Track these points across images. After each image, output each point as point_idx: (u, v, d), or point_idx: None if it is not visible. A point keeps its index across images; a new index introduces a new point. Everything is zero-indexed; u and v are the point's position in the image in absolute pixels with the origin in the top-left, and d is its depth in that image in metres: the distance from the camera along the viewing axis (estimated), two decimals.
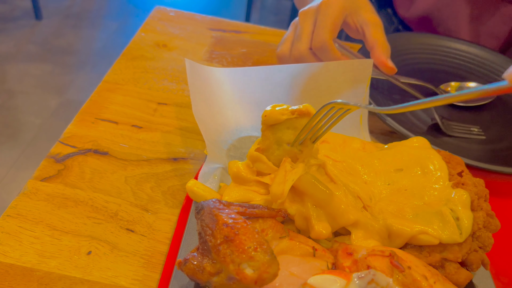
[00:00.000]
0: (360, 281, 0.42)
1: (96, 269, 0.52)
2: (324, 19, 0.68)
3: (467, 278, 0.49)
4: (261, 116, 0.53)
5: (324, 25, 0.67)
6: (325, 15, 0.68)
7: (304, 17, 0.70)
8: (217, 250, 0.41)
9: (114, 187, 0.62)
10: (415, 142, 0.63)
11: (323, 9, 0.69)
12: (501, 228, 0.56)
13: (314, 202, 0.50)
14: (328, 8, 0.68)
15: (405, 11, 1.12)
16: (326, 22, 0.67)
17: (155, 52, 0.88)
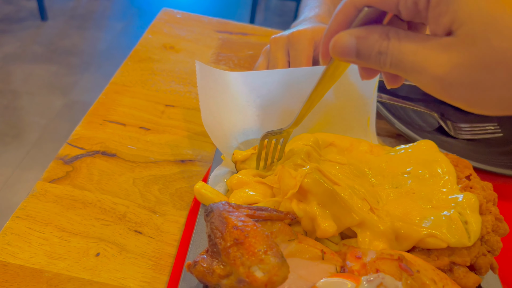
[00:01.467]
0: (369, 284, 0.42)
1: (104, 271, 0.53)
2: (297, 54, 0.70)
3: (476, 282, 0.49)
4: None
5: (299, 62, 0.70)
6: (297, 50, 0.70)
7: (276, 47, 0.72)
8: (227, 252, 0.41)
9: (122, 189, 0.62)
10: (423, 145, 0.63)
11: (294, 42, 0.71)
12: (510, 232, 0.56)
13: (319, 201, 0.50)
14: (299, 42, 0.70)
15: None
16: (300, 58, 0.70)
17: (162, 54, 0.88)
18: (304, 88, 0.68)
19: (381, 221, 0.51)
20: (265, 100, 0.68)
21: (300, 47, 0.70)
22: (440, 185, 0.56)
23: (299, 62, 0.70)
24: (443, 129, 0.79)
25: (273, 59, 0.72)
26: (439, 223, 0.52)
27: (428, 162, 0.59)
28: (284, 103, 0.68)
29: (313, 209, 0.51)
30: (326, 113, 0.69)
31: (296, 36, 0.71)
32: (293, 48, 0.70)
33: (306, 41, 0.70)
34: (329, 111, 0.69)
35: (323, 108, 0.69)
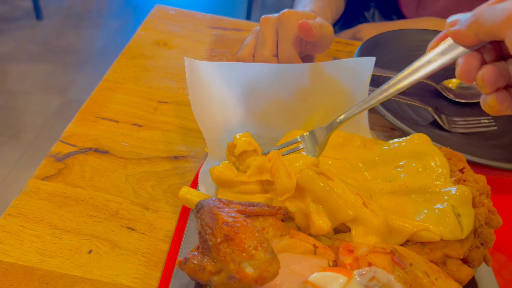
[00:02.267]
0: (361, 278, 0.42)
1: (97, 268, 0.52)
2: (286, 33, 0.70)
3: (469, 274, 0.49)
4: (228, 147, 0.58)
5: (288, 40, 0.70)
6: (287, 29, 0.70)
7: (265, 25, 0.73)
8: (217, 249, 0.41)
9: (114, 186, 0.62)
10: (416, 139, 0.62)
11: (283, 21, 0.71)
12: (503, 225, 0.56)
13: (313, 197, 0.50)
14: (288, 22, 0.71)
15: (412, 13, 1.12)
16: (289, 37, 0.70)
17: (155, 50, 0.87)
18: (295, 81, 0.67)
19: (374, 215, 0.51)
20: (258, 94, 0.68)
21: (289, 26, 0.70)
22: (433, 178, 0.56)
23: (287, 41, 0.70)
24: (438, 123, 0.79)
25: (262, 37, 0.72)
26: (432, 216, 0.51)
27: (421, 156, 0.59)
28: (275, 96, 0.67)
29: (307, 205, 0.50)
30: (319, 109, 0.69)
31: (286, 15, 0.71)
32: (283, 27, 0.71)
33: (296, 21, 0.70)
34: (322, 106, 0.68)
35: (316, 104, 0.69)
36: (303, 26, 0.66)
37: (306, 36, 0.67)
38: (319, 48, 0.75)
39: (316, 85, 0.67)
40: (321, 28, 0.68)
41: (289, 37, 0.70)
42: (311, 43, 0.73)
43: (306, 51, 0.76)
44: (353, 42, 1.00)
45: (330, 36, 0.73)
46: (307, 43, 0.73)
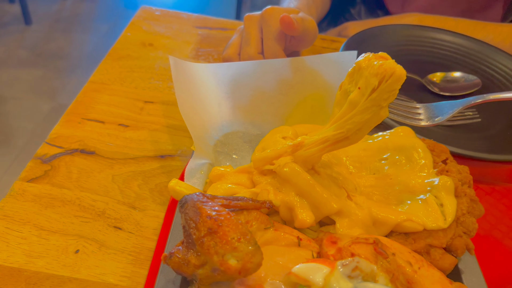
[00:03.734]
0: (344, 268, 0.43)
1: (84, 267, 0.52)
2: (270, 30, 0.71)
3: (452, 263, 0.50)
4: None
5: (272, 37, 0.71)
6: (270, 26, 0.71)
7: (249, 23, 0.73)
8: (201, 242, 0.41)
9: (101, 186, 0.62)
10: (400, 131, 0.63)
11: (266, 19, 0.72)
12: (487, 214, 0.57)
13: (297, 191, 0.50)
14: (271, 18, 0.71)
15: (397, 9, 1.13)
16: (273, 34, 0.71)
17: (141, 51, 0.88)
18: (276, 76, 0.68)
19: (359, 207, 0.52)
20: (242, 92, 0.68)
21: (272, 23, 0.71)
22: (416, 170, 0.57)
23: (271, 37, 0.71)
24: None
25: (246, 35, 0.72)
26: (415, 207, 0.52)
27: (405, 148, 0.59)
28: (259, 92, 0.68)
29: (291, 199, 0.51)
30: (304, 105, 0.69)
31: (269, 12, 0.72)
32: (266, 24, 0.71)
33: (278, 17, 0.71)
34: (306, 102, 0.69)
35: (301, 100, 0.69)
36: (284, 20, 0.66)
37: (288, 30, 0.67)
38: (304, 43, 0.76)
39: (297, 79, 0.68)
40: (303, 22, 0.69)
41: (273, 34, 0.71)
42: (296, 38, 0.74)
43: (291, 47, 0.77)
44: (339, 39, 1.01)
45: (313, 30, 0.73)
46: (292, 38, 0.74)
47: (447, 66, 0.93)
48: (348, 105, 0.48)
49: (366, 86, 0.46)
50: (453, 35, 0.97)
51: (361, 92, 0.46)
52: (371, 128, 0.49)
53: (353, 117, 0.47)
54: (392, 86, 0.44)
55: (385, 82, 0.44)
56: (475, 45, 0.95)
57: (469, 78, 0.88)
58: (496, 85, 0.89)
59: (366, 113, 0.46)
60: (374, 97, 0.45)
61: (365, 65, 0.46)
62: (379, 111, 0.46)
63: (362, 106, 0.46)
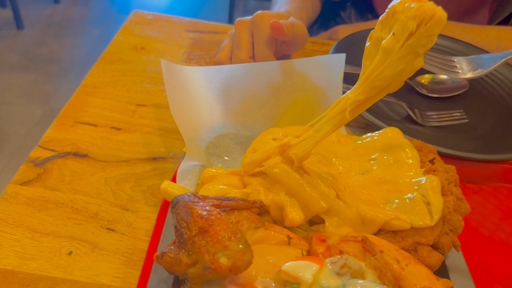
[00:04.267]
0: (333, 265, 0.44)
1: (77, 269, 0.53)
2: (260, 34, 0.72)
3: (439, 260, 0.51)
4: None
5: (263, 41, 0.72)
6: (261, 31, 0.72)
7: (240, 28, 0.74)
8: (192, 241, 0.42)
9: (94, 188, 0.62)
10: (389, 132, 0.64)
11: (257, 23, 0.73)
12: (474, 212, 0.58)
13: (287, 191, 0.51)
14: (262, 23, 0.72)
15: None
16: (263, 38, 0.72)
17: (133, 55, 0.88)
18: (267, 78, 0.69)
19: (347, 206, 0.53)
20: (233, 94, 0.69)
21: (263, 27, 0.72)
22: (404, 170, 0.58)
23: (262, 42, 0.72)
24: (411, 118, 0.81)
25: (237, 39, 0.73)
26: (403, 205, 0.53)
27: (393, 148, 0.60)
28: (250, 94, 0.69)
29: (281, 198, 0.52)
30: (294, 106, 0.70)
31: (260, 17, 0.73)
32: (257, 28, 0.72)
33: (269, 22, 0.72)
34: (297, 104, 0.70)
35: (291, 102, 0.70)
36: (274, 26, 0.67)
37: (278, 35, 0.68)
38: (294, 47, 0.77)
39: (287, 82, 0.69)
40: (293, 27, 0.70)
41: (263, 38, 0.72)
42: (286, 43, 0.75)
43: (282, 50, 0.78)
44: (329, 42, 1.02)
45: (303, 34, 0.74)
46: (282, 42, 0.75)
47: None
48: (382, 53, 0.44)
49: (402, 31, 0.42)
50: (440, 37, 0.98)
51: (396, 38, 0.42)
52: (401, 82, 0.45)
53: (384, 70, 0.44)
54: (431, 30, 0.41)
55: (424, 25, 0.40)
56: (462, 47, 0.97)
57: (457, 79, 0.90)
58: (483, 86, 0.91)
59: (400, 63, 0.43)
60: (411, 42, 0.42)
61: (401, 9, 0.42)
62: (414, 60, 0.43)
63: (396, 54, 0.43)
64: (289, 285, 0.44)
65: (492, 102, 0.87)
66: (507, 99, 0.87)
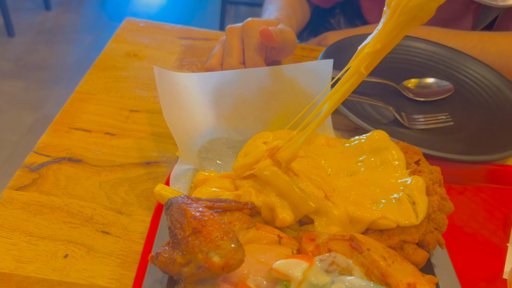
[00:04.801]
0: (322, 263, 0.45)
1: (73, 271, 0.54)
2: (250, 41, 0.74)
3: (424, 257, 0.53)
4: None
5: (253, 47, 0.74)
6: (251, 37, 0.74)
7: (231, 34, 0.76)
8: (186, 241, 0.43)
9: (88, 193, 0.64)
10: (376, 135, 0.66)
11: (247, 30, 0.74)
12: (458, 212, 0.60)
13: (277, 192, 0.53)
14: (252, 30, 0.74)
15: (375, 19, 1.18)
16: (253, 45, 0.74)
17: (126, 62, 0.90)
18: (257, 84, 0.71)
19: (336, 207, 0.55)
20: (225, 99, 0.71)
21: (253, 34, 0.73)
22: (390, 171, 0.60)
23: (252, 48, 0.73)
24: (398, 121, 0.83)
25: (228, 46, 0.75)
26: (389, 205, 0.55)
27: (380, 150, 0.63)
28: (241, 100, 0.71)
29: (271, 199, 0.54)
30: (284, 111, 0.72)
31: (250, 24, 0.74)
32: (247, 35, 0.74)
33: (259, 29, 0.73)
34: (285, 108, 0.72)
35: (281, 107, 0.72)
36: (263, 32, 0.69)
37: (268, 42, 0.70)
38: (284, 53, 0.79)
39: (277, 87, 0.71)
40: (282, 33, 0.72)
41: (253, 45, 0.74)
42: (275, 49, 0.77)
43: (272, 56, 0.80)
44: (318, 48, 1.04)
45: (292, 41, 0.77)
46: (272, 49, 0.77)
47: (421, 72, 0.97)
48: None
49: None
50: (426, 43, 1.01)
51: None
52: (432, 11, 0.42)
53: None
54: None
55: None
56: (447, 52, 1.00)
57: (442, 83, 0.92)
58: (468, 90, 0.93)
59: None
60: None
61: None
62: None
63: None
64: (280, 283, 0.45)
65: (476, 106, 0.90)
66: (491, 102, 0.90)
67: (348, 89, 0.51)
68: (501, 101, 0.89)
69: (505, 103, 0.89)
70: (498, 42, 0.99)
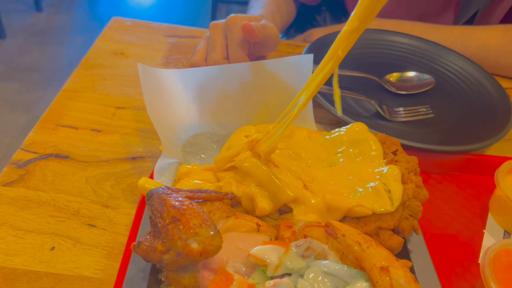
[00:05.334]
0: (298, 249, 0.47)
1: (59, 263, 0.56)
2: (233, 36, 0.75)
3: (399, 242, 0.54)
4: None
5: (236, 43, 0.75)
6: (234, 33, 0.75)
7: (214, 30, 0.78)
8: (166, 229, 0.45)
9: (75, 187, 0.65)
10: (356, 127, 0.68)
11: (230, 26, 0.76)
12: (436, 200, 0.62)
13: (257, 183, 0.54)
14: (235, 25, 0.75)
15: None
16: (236, 40, 0.75)
17: (112, 60, 0.91)
18: (239, 79, 0.72)
19: (314, 195, 0.56)
20: (208, 95, 0.72)
21: (236, 30, 0.75)
22: (368, 161, 0.62)
23: (235, 43, 0.75)
24: (380, 114, 0.85)
25: (212, 42, 0.77)
26: (366, 193, 0.57)
27: (358, 142, 0.64)
28: (224, 94, 0.72)
29: (252, 190, 0.55)
30: (266, 106, 0.74)
31: (233, 20, 0.76)
32: (230, 31, 0.75)
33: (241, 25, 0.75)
34: (268, 103, 0.74)
35: (263, 101, 0.74)
36: (245, 27, 0.71)
37: (250, 37, 0.72)
38: (267, 48, 0.81)
39: (258, 82, 0.72)
40: (264, 28, 0.74)
41: (236, 40, 0.75)
42: (259, 44, 0.79)
43: (256, 52, 0.81)
44: (303, 44, 1.06)
45: (275, 36, 0.78)
46: (255, 44, 0.79)
47: (403, 66, 0.99)
48: None
49: None
50: (408, 37, 1.03)
51: None
52: None
53: None
54: None
55: None
56: (429, 46, 1.02)
57: (423, 77, 0.94)
58: (449, 83, 0.95)
59: None
60: None
61: None
62: None
63: None
64: (258, 268, 0.47)
65: (456, 98, 0.92)
66: (471, 94, 0.92)
67: (325, 76, 0.52)
68: (481, 93, 0.91)
69: (484, 95, 0.91)
70: (478, 36, 1.01)
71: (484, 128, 0.82)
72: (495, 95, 0.90)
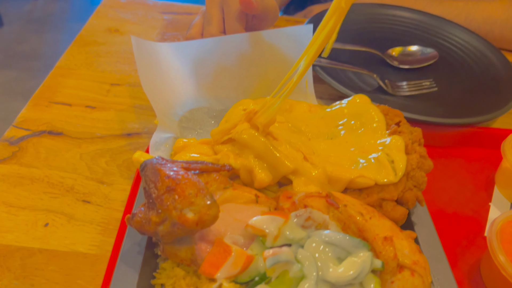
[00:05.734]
0: (298, 219, 0.45)
1: (53, 239, 0.54)
2: (230, 9, 0.73)
3: (403, 213, 0.53)
4: None
5: (232, 16, 0.72)
6: (230, 6, 0.73)
7: (211, 4, 0.75)
8: (160, 200, 0.43)
9: (69, 164, 0.63)
10: (357, 99, 0.66)
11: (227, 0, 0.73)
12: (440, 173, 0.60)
13: (256, 154, 0.53)
14: None
15: None
16: (233, 13, 0.73)
17: (107, 37, 0.89)
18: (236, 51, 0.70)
19: (314, 167, 0.54)
20: (205, 68, 0.70)
21: (232, 3, 0.72)
22: (370, 132, 0.60)
23: (232, 16, 0.72)
24: (383, 88, 0.83)
25: (208, 15, 0.74)
26: (368, 164, 0.55)
27: (360, 113, 0.62)
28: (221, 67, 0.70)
29: (250, 162, 0.53)
30: (264, 78, 0.72)
31: None
32: (226, 4, 0.73)
33: None
34: (267, 76, 0.71)
35: (261, 74, 0.72)
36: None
37: (247, 9, 0.69)
38: (265, 22, 0.78)
39: (257, 53, 0.70)
40: (262, 0, 0.71)
41: (233, 13, 0.73)
42: (256, 17, 0.76)
43: (254, 26, 0.79)
44: (303, 19, 1.03)
45: (273, 8, 0.76)
46: (253, 17, 0.76)
47: (406, 41, 0.96)
48: None
49: None
50: (411, 11, 1.00)
51: None
52: None
53: None
54: None
55: None
56: (432, 20, 0.99)
57: (426, 51, 0.92)
58: (452, 56, 0.93)
59: None
60: None
61: None
62: None
63: None
64: (257, 239, 0.45)
65: (461, 71, 0.89)
66: (475, 68, 0.89)
67: (327, 34, 0.50)
68: (485, 66, 0.89)
69: (489, 68, 0.88)
70: (482, 9, 0.98)
71: (489, 101, 0.80)
72: (500, 68, 0.88)
